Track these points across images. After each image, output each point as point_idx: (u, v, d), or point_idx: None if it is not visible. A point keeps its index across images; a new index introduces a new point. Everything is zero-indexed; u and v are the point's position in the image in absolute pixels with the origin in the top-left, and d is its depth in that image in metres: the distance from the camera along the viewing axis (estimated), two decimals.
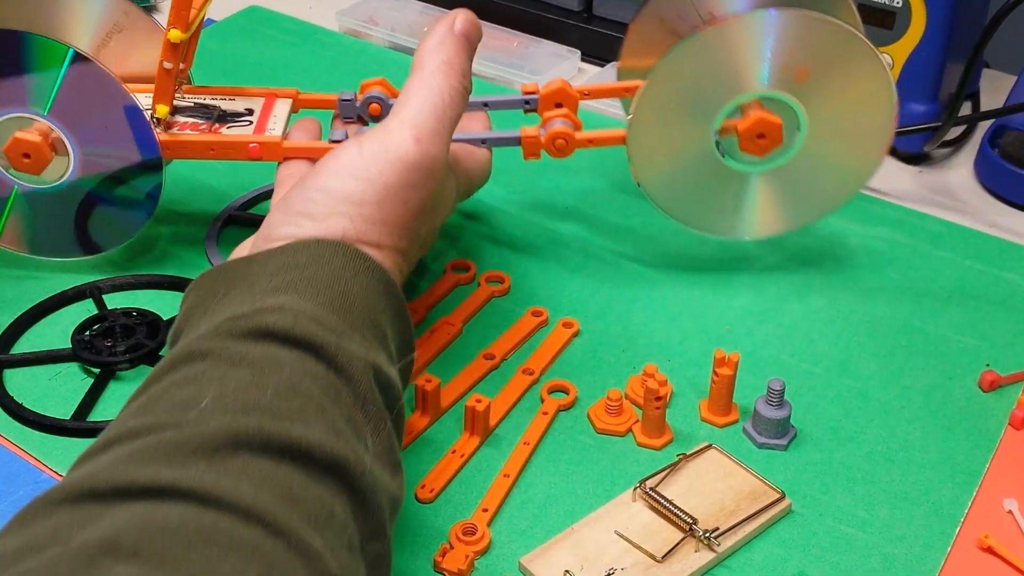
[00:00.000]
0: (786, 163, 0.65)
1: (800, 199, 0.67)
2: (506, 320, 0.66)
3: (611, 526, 0.53)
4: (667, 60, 0.61)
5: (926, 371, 0.63)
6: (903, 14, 0.78)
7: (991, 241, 0.73)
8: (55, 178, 0.65)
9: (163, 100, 0.63)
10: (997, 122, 0.81)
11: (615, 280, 0.70)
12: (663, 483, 0.54)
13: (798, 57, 0.61)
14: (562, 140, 0.64)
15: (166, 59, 0.62)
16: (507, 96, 0.68)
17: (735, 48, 0.61)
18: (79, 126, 0.63)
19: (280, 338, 0.44)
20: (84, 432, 0.58)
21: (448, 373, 0.62)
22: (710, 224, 0.67)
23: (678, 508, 0.53)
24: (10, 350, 0.63)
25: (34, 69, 0.62)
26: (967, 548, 0.53)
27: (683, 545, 0.52)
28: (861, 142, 0.65)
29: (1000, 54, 0.93)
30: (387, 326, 0.49)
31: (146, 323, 0.63)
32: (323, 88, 0.88)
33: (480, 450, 0.58)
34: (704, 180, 0.65)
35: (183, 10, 0.61)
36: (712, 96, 0.63)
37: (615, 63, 0.92)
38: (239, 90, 0.68)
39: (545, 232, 0.73)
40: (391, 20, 0.97)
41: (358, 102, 0.67)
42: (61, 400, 0.60)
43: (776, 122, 0.63)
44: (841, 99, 0.63)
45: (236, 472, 0.38)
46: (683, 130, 0.64)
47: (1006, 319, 0.67)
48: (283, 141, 0.64)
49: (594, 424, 0.59)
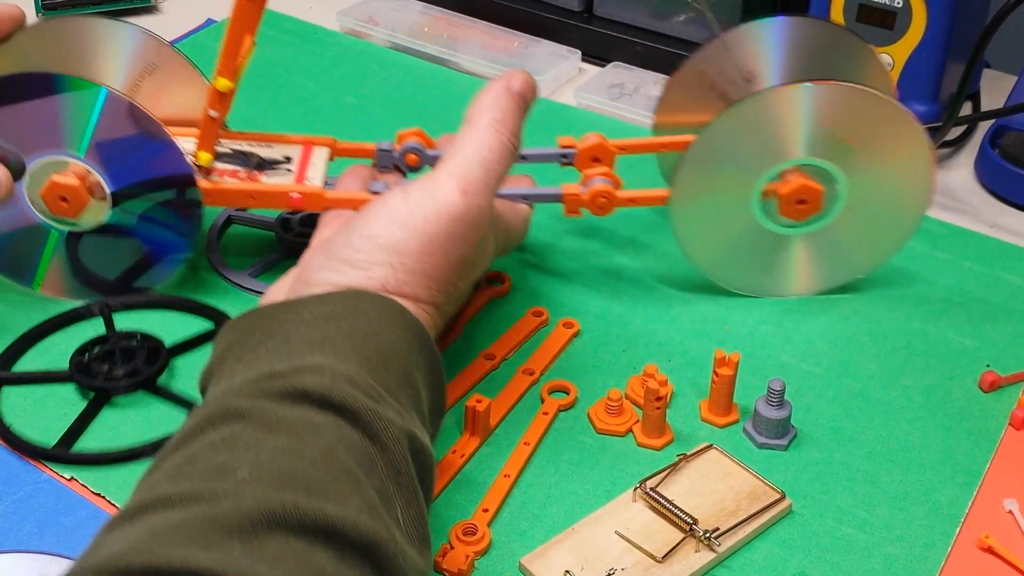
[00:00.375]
0: (825, 226, 0.65)
1: (838, 260, 0.67)
2: (506, 320, 0.66)
3: (611, 526, 0.53)
4: (711, 127, 0.62)
5: (926, 372, 0.63)
6: (903, 14, 0.78)
7: (991, 243, 0.73)
8: (94, 221, 0.64)
9: (206, 147, 0.63)
10: (998, 122, 0.81)
11: (615, 280, 0.70)
12: (663, 483, 0.54)
13: (840, 126, 0.62)
14: (603, 198, 0.65)
15: (212, 107, 0.62)
16: (543, 150, 0.68)
17: (779, 117, 0.62)
18: (116, 168, 0.62)
19: (317, 402, 0.43)
20: (66, 460, 0.56)
21: (449, 373, 0.62)
22: (748, 284, 0.67)
23: (678, 508, 0.53)
24: (12, 366, 0.62)
25: (68, 111, 0.61)
26: (967, 548, 0.53)
27: (683, 545, 0.52)
28: (899, 205, 0.65)
29: (1000, 54, 0.93)
30: (421, 384, 0.49)
31: (147, 348, 0.61)
32: (324, 88, 0.89)
33: (480, 450, 0.58)
34: (743, 242, 0.66)
35: (231, 59, 0.60)
36: (755, 162, 0.63)
37: (615, 64, 0.92)
38: (276, 137, 0.68)
39: (545, 232, 0.73)
40: (391, 20, 0.97)
41: (396, 152, 0.67)
42: (53, 422, 0.58)
43: (818, 189, 0.63)
44: (880, 165, 0.63)
45: (271, 556, 0.37)
46: (725, 194, 0.64)
47: (1006, 321, 0.67)
48: (325, 191, 0.63)
49: (594, 424, 0.59)
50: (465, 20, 0.97)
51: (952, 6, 0.77)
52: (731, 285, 0.67)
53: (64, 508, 0.54)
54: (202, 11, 0.99)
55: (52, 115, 0.61)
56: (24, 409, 0.59)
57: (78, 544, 0.51)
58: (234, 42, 0.60)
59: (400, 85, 0.90)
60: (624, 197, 0.65)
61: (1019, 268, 0.71)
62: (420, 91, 0.89)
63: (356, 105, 0.87)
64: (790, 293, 0.68)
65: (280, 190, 0.63)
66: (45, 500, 0.54)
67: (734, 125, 0.62)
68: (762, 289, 0.68)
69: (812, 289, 0.68)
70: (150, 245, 0.65)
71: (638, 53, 0.92)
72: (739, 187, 0.64)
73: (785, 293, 0.68)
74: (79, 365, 0.60)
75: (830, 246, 0.66)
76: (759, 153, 0.63)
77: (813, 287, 0.68)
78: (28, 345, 0.63)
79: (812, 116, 0.62)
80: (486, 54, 0.92)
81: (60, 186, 0.62)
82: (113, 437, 0.57)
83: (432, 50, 0.93)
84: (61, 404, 0.60)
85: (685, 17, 0.91)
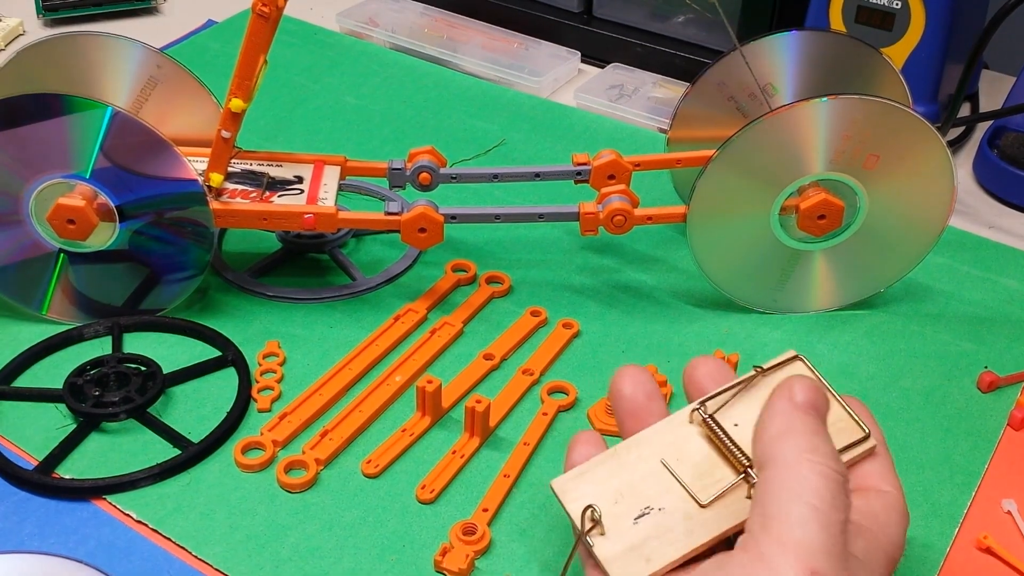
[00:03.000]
0: (844, 241, 0.65)
1: (857, 275, 0.66)
2: (506, 321, 0.66)
3: (659, 452, 0.46)
4: (733, 142, 0.61)
5: (925, 373, 0.63)
6: (902, 15, 0.78)
7: (989, 245, 0.74)
8: (101, 243, 0.62)
9: (218, 168, 0.62)
10: (996, 123, 0.81)
11: (614, 280, 0.70)
12: (732, 402, 0.47)
13: (862, 141, 0.61)
14: (620, 217, 0.64)
15: (225, 128, 0.61)
16: (558, 167, 0.67)
17: (801, 132, 0.61)
18: (124, 188, 0.61)
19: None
20: (43, 488, 0.54)
21: (448, 374, 0.62)
22: (765, 301, 0.67)
23: (735, 443, 0.45)
24: (13, 381, 0.61)
25: (73, 131, 0.59)
26: (966, 548, 0.53)
27: (735, 489, 0.45)
28: (919, 218, 0.64)
29: (999, 55, 0.93)
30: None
31: (144, 374, 0.59)
32: (324, 89, 0.89)
33: (480, 451, 0.58)
34: (761, 258, 0.65)
35: (247, 80, 0.60)
36: (777, 177, 0.62)
37: (614, 65, 0.92)
38: (286, 156, 0.67)
39: (545, 233, 0.74)
40: (391, 21, 0.97)
41: (408, 171, 0.66)
42: (42, 442, 0.57)
43: (839, 204, 0.63)
44: (901, 179, 0.63)
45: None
46: (744, 210, 0.64)
47: (1004, 322, 0.67)
48: (338, 211, 0.63)
49: (594, 424, 0.59)
50: (465, 21, 0.98)
51: (951, 7, 0.77)
52: (748, 302, 0.67)
53: (65, 508, 0.54)
54: (202, 12, 1.00)
55: (57, 136, 0.59)
56: (17, 427, 0.58)
57: (79, 545, 0.52)
58: (249, 62, 0.60)
59: (400, 86, 0.90)
60: (641, 215, 0.64)
61: (1016, 272, 0.71)
62: (420, 92, 0.89)
63: (356, 106, 0.87)
64: (808, 309, 0.67)
65: (293, 211, 0.63)
66: (46, 500, 0.54)
67: (757, 140, 0.61)
68: (779, 306, 0.67)
69: (830, 305, 0.67)
70: (158, 267, 0.63)
71: (638, 54, 0.92)
72: (759, 203, 0.63)
73: (803, 309, 0.67)
74: (72, 387, 0.59)
75: (849, 261, 0.65)
76: (781, 168, 0.62)
77: (831, 303, 0.67)
78: (34, 359, 0.62)
79: (832, 130, 0.61)
80: (486, 55, 0.92)
81: (67, 208, 0.60)
82: (99, 464, 0.56)
83: (432, 51, 0.94)
84: (52, 425, 0.58)
85: (684, 18, 0.91)
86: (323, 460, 0.56)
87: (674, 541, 0.44)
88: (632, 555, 0.43)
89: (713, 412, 0.46)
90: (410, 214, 0.63)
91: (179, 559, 0.51)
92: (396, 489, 0.55)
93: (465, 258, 0.70)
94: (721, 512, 0.44)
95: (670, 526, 0.44)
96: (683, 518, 0.44)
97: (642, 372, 0.49)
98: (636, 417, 0.48)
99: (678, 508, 0.44)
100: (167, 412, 0.59)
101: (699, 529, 0.44)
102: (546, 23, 0.95)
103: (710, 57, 0.89)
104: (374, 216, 0.64)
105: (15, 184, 0.60)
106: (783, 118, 0.60)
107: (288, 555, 0.52)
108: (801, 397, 0.43)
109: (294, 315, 0.66)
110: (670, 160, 0.69)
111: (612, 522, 0.44)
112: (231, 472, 0.56)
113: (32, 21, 0.97)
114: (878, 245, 0.65)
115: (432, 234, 0.64)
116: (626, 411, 0.49)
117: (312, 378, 0.61)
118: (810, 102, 0.60)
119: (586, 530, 0.44)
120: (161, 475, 0.55)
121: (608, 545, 0.44)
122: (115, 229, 0.62)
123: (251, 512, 0.54)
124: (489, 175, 0.68)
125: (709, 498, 0.44)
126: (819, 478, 0.40)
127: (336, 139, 0.83)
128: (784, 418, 0.43)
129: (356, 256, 0.71)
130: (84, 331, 0.63)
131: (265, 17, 0.59)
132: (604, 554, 0.44)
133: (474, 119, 0.86)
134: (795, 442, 0.42)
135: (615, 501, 0.45)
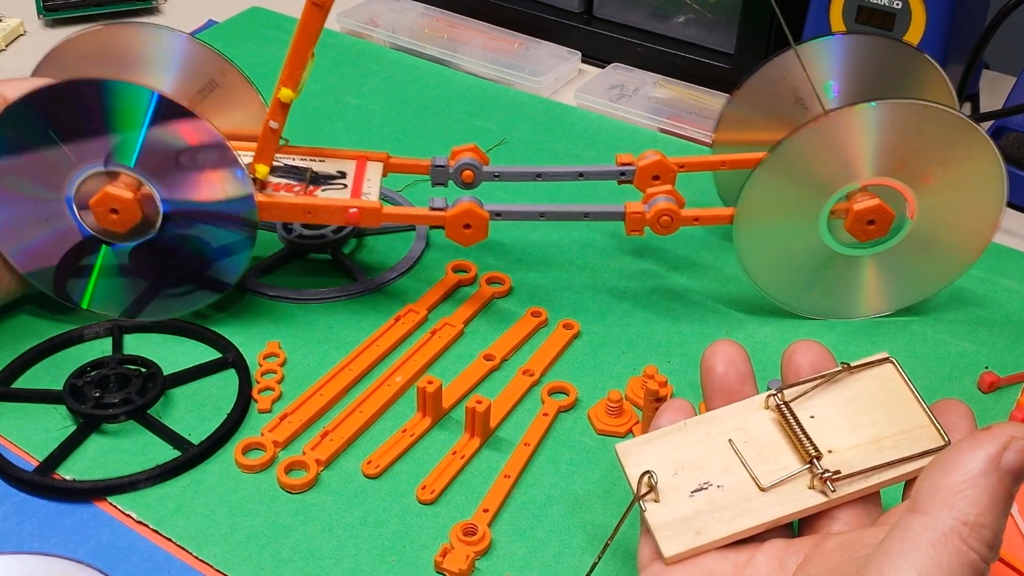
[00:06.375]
0: (894, 246, 0.64)
1: (907, 280, 0.66)
2: (507, 321, 0.66)
3: (728, 432, 0.46)
4: (785, 145, 0.60)
5: (925, 374, 0.63)
6: (903, 15, 0.78)
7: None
8: (143, 235, 0.61)
9: (264, 160, 0.62)
10: (996, 123, 0.81)
11: (615, 281, 0.70)
12: (811, 394, 0.47)
13: (912, 146, 0.61)
14: (667, 217, 0.64)
15: (273, 118, 0.61)
16: (602, 167, 0.67)
17: (851, 136, 0.60)
18: (168, 178, 0.60)
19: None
20: (43, 489, 0.54)
21: (449, 374, 0.62)
22: (811, 306, 0.66)
23: (805, 433, 0.45)
24: (14, 381, 0.60)
25: (117, 118, 0.58)
26: None
27: (798, 478, 0.44)
28: (969, 223, 0.64)
29: (1000, 55, 0.93)
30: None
31: (144, 375, 0.59)
32: (324, 89, 0.89)
33: (481, 451, 0.58)
34: (809, 263, 0.65)
35: (296, 70, 0.59)
36: (827, 181, 0.62)
37: (615, 65, 0.92)
38: (329, 152, 0.67)
39: (545, 233, 0.74)
40: (392, 21, 0.97)
41: (451, 168, 0.66)
42: (43, 443, 0.57)
43: (890, 212, 0.62)
44: (951, 185, 0.62)
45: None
46: (792, 215, 0.63)
47: (1004, 323, 0.67)
48: (382, 206, 0.63)
49: (594, 425, 0.59)
50: (465, 21, 0.98)
51: (951, 7, 0.77)
52: (794, 307, 0.66)
53: (65, 509, 0.54)
54: (203, 12, 1.00)
55: (101, 123, 0.58)
56: (17, 428, 0.58)
57: (79, 545, 0.52)
58: (301, 52, 0.59)
59: (401, 86, 0.90)
60: (688, 216, 0.64)
61: (1017, 273, 0.71)
62: (421, 92, 0.89)
63: (357, 106, 0.87)
64: (853, 315, 0.67)
65: (338, 204, 0.62)
66: (46, 502, 0.54)
67: (808, 143, 0.60)
68: (828, 311, 0.66)
69: (876, 311, 0.66)
70: (200, 263, 0.62)
71: (638, 54, 0.92)
72: (808, 207, 0.63)
73: (848, 315, 0.66)
74: (72, 388, 0.58)
75: (896, 267, 0.65)
76: (831, 172, 0.62)
77: (878, 309, 0.67)
78: (34, 360, 0.62)
79: (883, 134, 0.60)
80: (486, 55, 0.92)
81: (112, 197, 0.59)
82: (99, 465, 0.56)
83: (433, 51, 0.94)
84: (52, 426, 0.58)
85: (685, 18, 0.91)
86: (324, 461, 0.56)
87: (728, 519, 0.44)
88: (683, 526, 0.44)
89: (790, 400, 0.46)
90: (455, 210, 0.63)
91: (179, 560, 0.51)
92: (396, 490, 0.55)
93: (466, 259, 0.70)
94: (780, 498, 0.44)
95: (726, 504, 0.44)
96: (740, 499, 0.44)
97: (737, 351, 0.49)
98: (725, 397, 0.48)
99: (737, 488, 0.45)
100: (167, 414, 0.59)
101: (754, 512, 0.44)
102: (546, 23, 0.95)
103: (710, 57, 0.89)
104: (419, 211, 0.64)
105: (59, 170, 0.59)
106: (837, 120, 0.60)
107: (288, 556, 0.52)
108: (1012, 461, 0.37)
109: (295, 315, 0.66)
110: (715, 162, 0.69)
111: (669, 492, 0.45)
112: (232, 473, 0.56)
113: (33, 21, 0.97)
114: (925, 252, 0.64)
115: (477, 230, 0.64)
116: (715, 389, 0.48)
117: (313, 378, 0.61)
118: (862, 106, 0.59)
119: (641, 494, 0.45)
120: (161, 476, 0.55)
121: (660, 512, 0.44)
122: (157, 220, 0.61)
123: (252, 513, 0.54)
124: (532, 174, 0.67)
125: (770, 483, 0.44)
126: (963, 563, 0.35)
127: (337, 139, 0.83)
128: (970, 475, 0.37)
129: (357, 256, 0.71)
130: (84, 332, 0.63)
131: (320, 7, 0.58)
132: (655, 521, 0.44)
133: (475, 119, 0.86)
134: (963, 507, 0.36)
135: (675, 472, 0.45)
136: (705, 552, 0.44)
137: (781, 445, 0.46)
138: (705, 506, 0.44)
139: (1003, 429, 0.37)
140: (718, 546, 0.44)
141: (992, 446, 0.37)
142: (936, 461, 0.38)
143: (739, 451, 0.46)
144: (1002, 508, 0.36)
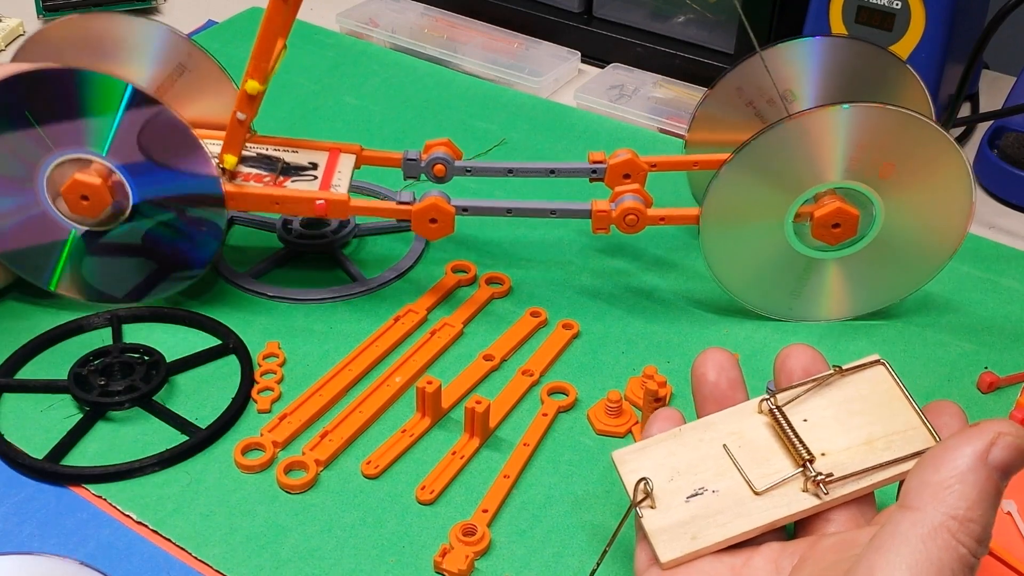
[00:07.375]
0: (860, 250, 0.64)
1: (872, 286, 0.65)
2: (506, 321, 0.66)
3: (722, 437, 0.47)
4: (749, 147, 0.60)
5: (925, 374, 0.63)
6: (902, 15, 0.78)
7: (989, 246, 0.74)
8: (113, 222, 0.62)
9: (232, 150, 0.62)
10: (996, 123, 0.81)
11: (614, 282, 0.70)
12: (803, 398, 0.47)
13: (881, 150, 0.60)
14: (633, 216, 0.64)
15: (240, 110, 0.61)
16: (573, 164, 0.67)
17: (818, 139, 0.60)
18: (139, 168, 0.61)
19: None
20: (53, 476, 0.55)
21: (448, 374, 0.62)
22: (777, 308, 0.66)
23: (798, 436, 0.45)
24: (16, 372, 0.61)
25: (92, 107, 0.59)
26: None
27: (791, 481, 0.45)
28: (936, 230, 0.63)
29: (999, 55, 0.93)
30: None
31: (147, 363, 0.60)
32: (324, 89, 0.89)
33: (480, 451, 0.58)
34: (774, 265, 0.64)
35: (263, 62, 0.60)
36: (792, 183, 0.62)
37: (615, 65, 0.92)
38: (302, 143, 0.67)
39: (545, 234, 0.74)
40: (391, 22, 0.97)
41: (423, 162, 0.66)
42: (49, 432, 0.57)
43: (854, 213, 0.62)
44: (918, 189, 0.62)
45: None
46: (758, 215, 0.63)
47: (1003, 324, 0.67)
48: (350, 199, 0.63)
49: (594, 425, 0.59)
50: (465, 21, 0.98)
51: (951, 7, 0.77)
52: (760, 309, 0.66)
53: (65, 510, 0.54)
54: (203, 12, 1.00)
55: (75, 111, 0.59)
56: (22, 418, 0.58)
57: (79, 545, 0.52)
58: (266, 44, 0.60)
59: (400, 86, 0.90)
60: (654, 215, 0.64)
61: (1016, 273, 0.71)
62: (420, 92, 0.89)
63: (356, 106, 0.87)
64: (821, 319, 0.67)
65: (305, 196, 0.63)
66: (46, 501, 0.54)
67: (774, 144, 0.60)
68: (792, 313, 0.66)
69: (843, 315, 0.66)
70: (168, 250, 0.63)
71: (638, 54, 0.92)
72: (774, 208, 0.63)
73: (816, 318, 0.66)
74: (77, 377, 0.59)
75: (864, 271, 0.65)
76: (797, 174, 0.61)
77: (844, 313, 0.66)
78: (35, 352, 0.62)
79: (851, 138, 0.60)
80: (486, 55, 0.92)
81: (82, 184, 0.60)
82: (106, 452, 0.56)
83: (432, 51, 0.94)
84: (57, 416, 0.59)
85: (684, 18, 0.91)
86: (323, 461, 0.56)
87: (723, 524, 0.45)
88: (679, 531, 0.45)
89: (782, 405, 0.47)
90: (422, 204, 0.63)
91: (179, 560, 0.51)
92: (396, 490, 0.55)
93: (465, 259, 0.70)
94: (775, 502, 0.45)
95: (721, 509, 0.45)
96: (735, 503, 0.45)
97: (726, 358, 0.49)
98: (717, 403, 0.49)
99: (732, 492, 0.45)
100: (172, 399, 0.60)
101: (750, 516, 0.45)
102: (546, 23, 0.95)
103: (710, 57, 0.89)
104: (385, 205, 0.64)
105: (31, 157, 0.60)
106: (801, 123, 0.60)
107: (288, 556, 0.52)
108: (997, 457, 0.37)
109: (294, 315, 0.66)
110: (687, 162, 0.69)
111: (664, 497, 0.45)
112: (231, 473, 0.56)
113: (32, 21, 0.97)
114: (894, 256, 0.64)
115: (443, 225, 0.64)
116: (707, 396, 0.49)
117: (312, 379, 0.61)
118: (830, 108, 0.59)
119: (637, 501, 0.45)
120: (171, 460, 0.56)
121: (657, 518, 0.45)
122: (127, 207, 0.62)
123: (251, 513, 0.54)
124: (504, 169, 0.68)
125: (764, 487, 0.45)
126: (954, 557, 0.36)
127: (336, 139, 0.83)
128: (958, 470, 0.37)
129: (357, 256, 0.71)
130: (84, 323, 0.63)
131: (284, 0, 0.59)
132: (651, 526, 0.45)
133: (474, 119, 0.86)
134: (952, 501, 0.36)
135: (670, 478, 0.46)
136: (702, 556, 0.44)
137: (775, 449, 0.46)
138: (701, 511, 0.45)
139: (991, 425, 0.38)
140: (714, 550, 0.44)
141: (980, 442, 0.37)
142: (925, 458, 0.39)
143: (733, 456, 0.46)
144: (990, 503, 0.37)
